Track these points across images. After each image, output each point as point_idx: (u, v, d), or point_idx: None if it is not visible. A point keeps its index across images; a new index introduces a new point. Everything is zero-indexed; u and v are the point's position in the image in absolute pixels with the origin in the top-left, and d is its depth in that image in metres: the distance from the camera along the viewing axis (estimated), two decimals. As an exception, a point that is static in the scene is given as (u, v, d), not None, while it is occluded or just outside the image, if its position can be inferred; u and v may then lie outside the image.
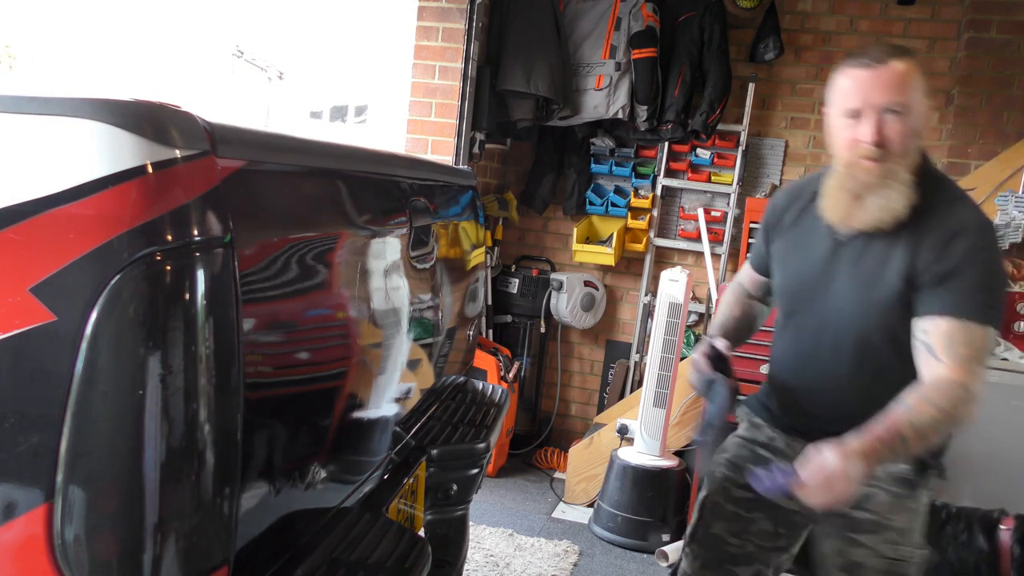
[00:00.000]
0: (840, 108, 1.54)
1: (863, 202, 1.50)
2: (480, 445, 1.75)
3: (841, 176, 1.54)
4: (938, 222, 1.49)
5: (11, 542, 0.84)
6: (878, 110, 1.47)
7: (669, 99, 4.02)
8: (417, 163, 1.77)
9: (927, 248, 1.48)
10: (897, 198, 1.48)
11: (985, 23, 3.90)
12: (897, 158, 1.48)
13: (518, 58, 3.81)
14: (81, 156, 0.82)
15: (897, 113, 1.47)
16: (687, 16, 4.02)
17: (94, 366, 0.80)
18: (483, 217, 2.19)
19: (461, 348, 2.07)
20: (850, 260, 1.57)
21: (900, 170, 1.49)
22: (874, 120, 1.47)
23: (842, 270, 1.58)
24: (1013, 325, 3.71)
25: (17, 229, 0.82)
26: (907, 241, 1.50)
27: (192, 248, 0.83)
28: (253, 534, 1.03)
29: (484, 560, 3.10)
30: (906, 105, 1.47)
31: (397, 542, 1.32)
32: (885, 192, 1.49)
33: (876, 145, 1.47)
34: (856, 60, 1.53)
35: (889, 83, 1.47)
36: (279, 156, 1.10)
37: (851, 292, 1.56)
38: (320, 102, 8.31)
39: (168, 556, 0.84)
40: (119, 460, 0.81)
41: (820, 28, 4.18)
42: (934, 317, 1.46)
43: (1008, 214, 3.69)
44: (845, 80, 1.53)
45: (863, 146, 1.48)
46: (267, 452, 1.05)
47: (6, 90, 0.89)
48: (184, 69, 6.51)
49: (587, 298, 4.29)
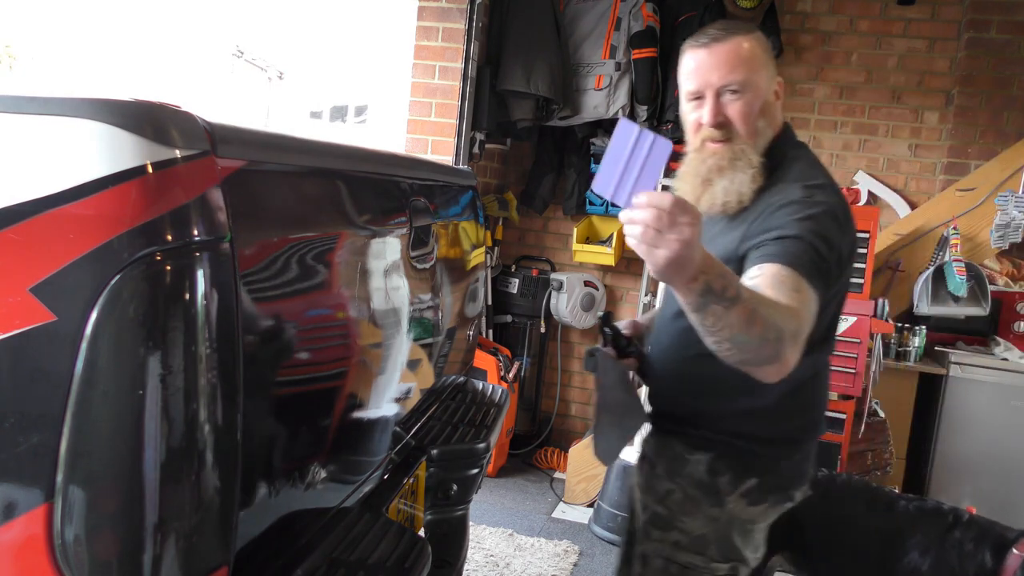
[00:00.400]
0: (684, 91, 1.46)
1: (711, 186, 1.43)
2: (480, 445, 1.75)
3: (692, 161, 1.47)
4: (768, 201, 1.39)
5: (11, 542, 0.84)
6: (716, 90, 1.40)
7: (669, 99, 4.02)
8: (417, 163, 1.77)
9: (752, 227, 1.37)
10: (744, 180, 1.40)
11: (985, 23, 3.90)
12: (743, 139, 1.42)
13: (518, 58, 3.81)
14: (81, 156, 0.82)
15: (736, 92, 1.40)
16: (687, 16, 4.02)
17: (94, 366, 0.80)
18: (483, 217, 2.19)
19: (461, 348, 2.07)
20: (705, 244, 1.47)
21: (749, 150, 1.42)
22: (713, 101, 1.41)
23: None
24: (1013, 325, 3.72)
25: (17, 229, 0.82)
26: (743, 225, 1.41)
27: (192, 248, 0.83)
28: (253, 534, 1.03)
29: (484, 560, 3.10)
30: (745, 83, 1.40)
31: (397, 542, 1.32)
32: (732, 175, 1.41)
33: (717, 127, 1.41)
34: (694, 39, 1.44)
35: (725, 61, 1.39)
36: (279, 156, 1.10)
37: None
38: (320, 102, 8.31)
39: (168, 556, 0.84)
40: (119, 460, 0.81)
41: (820, 28, 4.18)
42: (762, 264, 1.27)
43: (1008, 214, 3.69)
44: (686, 61, 1.45)
45: (706, 129, 1.42)
46: (267, 452, 1.05)
47: (6, 90, 0.89)
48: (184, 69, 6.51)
49: (587, 298, 4.29)
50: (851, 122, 4.20)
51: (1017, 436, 3.49)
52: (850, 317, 3.09)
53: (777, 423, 1.49)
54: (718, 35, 1.41)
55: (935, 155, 4.10)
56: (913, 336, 3.72)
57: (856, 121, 4.20)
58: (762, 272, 1.25)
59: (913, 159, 4.14)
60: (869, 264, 3.12)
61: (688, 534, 1.50)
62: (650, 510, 1.55)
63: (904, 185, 4.16)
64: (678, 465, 1.50)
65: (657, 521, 1.54)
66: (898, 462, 3.56)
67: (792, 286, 1.21)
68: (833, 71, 4.20)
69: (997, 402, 3.52)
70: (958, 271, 3.59)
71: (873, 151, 4.19)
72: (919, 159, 4.13)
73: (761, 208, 1.40)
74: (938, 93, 4.06)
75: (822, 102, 4.23)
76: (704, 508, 1.50)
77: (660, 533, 1.52)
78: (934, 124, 4.08)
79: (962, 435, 3.57)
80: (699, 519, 1.50)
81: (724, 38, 1.41)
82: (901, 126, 4.14)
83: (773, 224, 1.33)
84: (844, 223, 1.39)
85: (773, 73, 1.47)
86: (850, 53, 4.16)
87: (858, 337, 3.08)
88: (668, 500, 1.53)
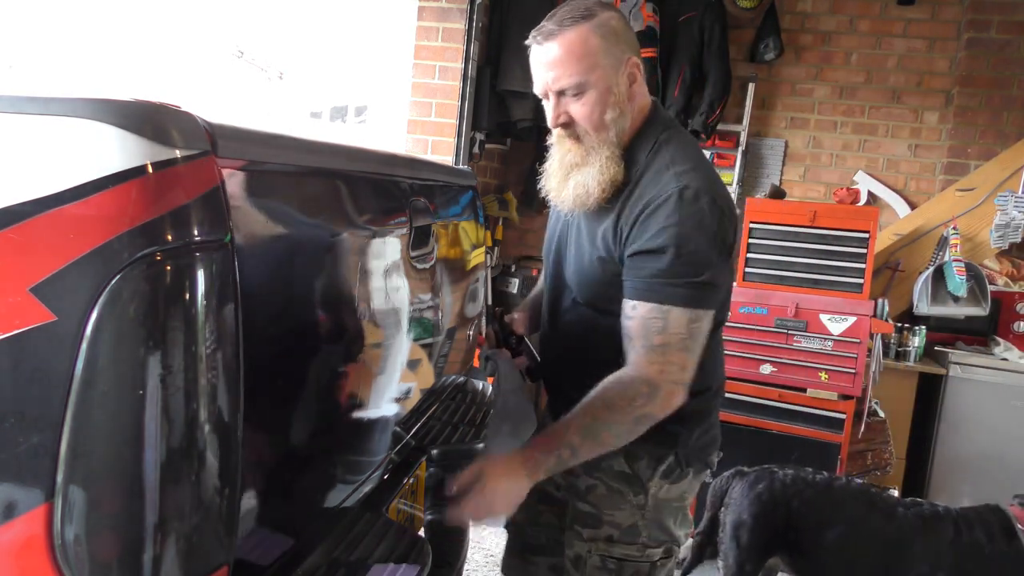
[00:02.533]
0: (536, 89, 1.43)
1: (567, 182, 1.43)
2: (480, 445, 1.75)
3: (556, 152, 1.46)
4: (639, 194, 1.38)
5: (11, 542, 0.84)
6: (556, 92, 1.37)
7: (669, 99, 4.02)
8: (417, 163, 1.77)
9: (624, 223, 1.38)
10: (595, 175, 1.38)
11: (985, 23, 3.91)
12: (594, 135, 1.39)
13: (518, 58, 3.81)
14: (81, 156, 0.82)
15: (575, 94, 1.36)
16: (687, 16, 4.02)
17: (94, 366, 0.80)
18: (483, 217, 2.18)
19: (461, 348, 2.07)
20: (573, 237, 1.51)
21: (600, 146, 1.39)
22: (554, 102, 1.38)
23: (570, 248, 1.52)
24: (1013, 325, 3.72)
25: (17, 229, 0.82)
26: (612, 216, 1.40)
27: (192, 248, 0.83)
28: (253, 534, 1.03)
29: (484, 560, 3.10)
30: (581, 83, 1.34)
31: (397, 542, 1.32)
32: (585, 171, 1.40)
33: (563, 127, 1.39)
34: (535, 31, 1.39)
35: (560, 62, 1.34)
36: (279, 156, 1.10)
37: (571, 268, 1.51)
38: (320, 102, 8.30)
39: (168, 556, 0.84)
40: (119, 460, 0.81)
41: (820, 28, 4.18)
42: (633, 301, 1.35)
43: (1008, 214, 3.69)
44: (530, 57, 1.41)
45: (554, 130, 1.42)
46: (267, 452, 1.05)
47: (6, 90, 0.88)
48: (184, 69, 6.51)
49: (587, 298, 4.28)
50: (851, 122, 4.21)
51: (1017, 436, 3.49)
52: (850, 317, 3.09)
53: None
54: (552, 30, 1.35)
55: (935, 155, 4.10)
56: (913, 336, 3.72)
57: (856, 121, 4.20)
58: (636, 313, 1.34)
59: (913, 159, 4.14)
60: (869, 264, 3.12)
61: (619, 527, 1.49)
62: (574, 510, 1.53)
63: (904, 185, 4.16)
64: (594, 459, 1.42)
65: (585, 519, 1.51)
66: (898, 462, 3.57)
67: (658, 328, 1.32)
68: (833, 71, 4.20)
69: (997, 402, 3.52)
70: (958, 271, 3.59)
71: (873, 151, 4.19)
72: (919, 159, 4.13)
73: (634, 201, 1.38)
74: (938, 93, 4.07)
75: (822, 102, 4.23)
76: (629, 498, 1.49)
77: (591, 531, 1.50)
78: (934, 124, 4.09)
79: (962, 435, 3.57)
80: (626, 510, 1.49)
81: (557, 33, 1.34)
82: (901, 126, 4.14)
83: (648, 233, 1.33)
84: (724, 210, 1.37)
85: (620, 57, 1.37)
86: (850, 53, 4.17)
87: (858, 337, 3.08)
88: (591, 496, 1.51)
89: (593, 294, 1.48)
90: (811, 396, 3.15)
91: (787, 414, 3.20)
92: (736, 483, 2.49)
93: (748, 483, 2.44)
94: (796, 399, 3.16)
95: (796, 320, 3.14)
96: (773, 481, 2.41)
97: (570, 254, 1.52)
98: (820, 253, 3.18)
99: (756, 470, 2.50)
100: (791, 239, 3.21)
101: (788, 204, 3.45)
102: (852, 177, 4.21)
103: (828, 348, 3.12)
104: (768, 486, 2.40)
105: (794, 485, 2.39)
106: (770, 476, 2.43)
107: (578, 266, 1.49)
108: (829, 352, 3.12)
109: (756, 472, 2.48)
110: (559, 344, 1.61)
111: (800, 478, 2.41)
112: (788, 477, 2.42)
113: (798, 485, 2.39)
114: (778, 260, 3.22)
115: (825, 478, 2.44)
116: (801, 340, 3.15)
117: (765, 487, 2.40)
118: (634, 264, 1.36)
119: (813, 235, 3.18)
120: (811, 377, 3.15)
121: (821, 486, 2.39)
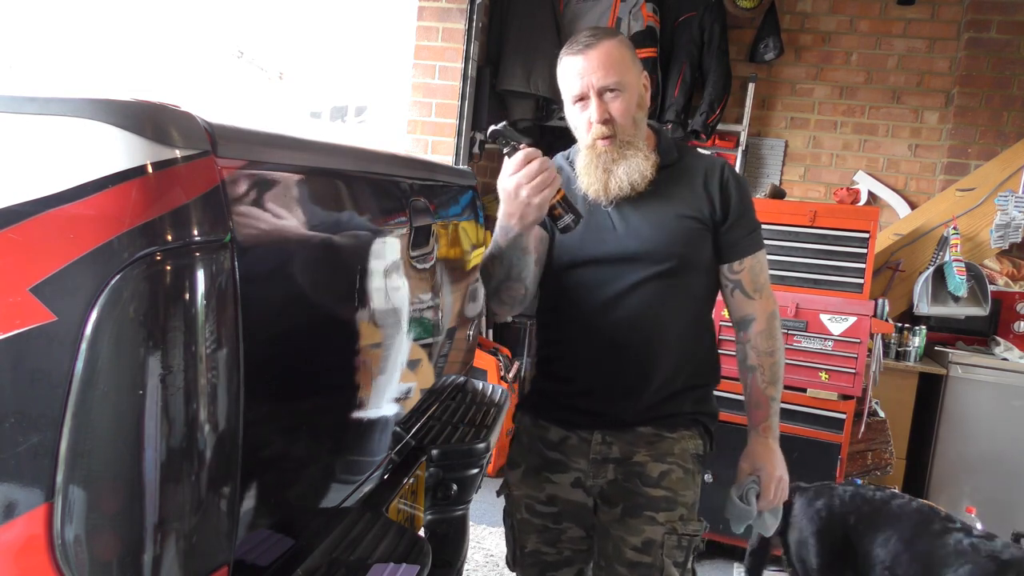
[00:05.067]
0: (568, 96, 1.61)
1: (613, 173, 1.60)
2: (480, 445, 1.75)
3: (587, 156, 1.62)
4: (691, 166, 1.67)
5: (11, 542, 0.84)
6: (598, 91, 1.56)
7: (669, 99, 4.02)
8: (417, 163, 1.77)
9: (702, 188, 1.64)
10: (641, 162, 1.59)
11: (985, 23, 3.91)
12: (628, 130, 1.59)
13: (518, 58, 3.81)
14: (81, 156, 0.82)
15: (615, 91, 1.56)
16: (687, 16, 4.02)
17: (94, 366, 0.80)
18: (483, 217, 2.19)
19: (461, 348, 2.07)
20: (623, 217, 1.63)
21: (634, 139, 1.60)
22: (597, 101, 1.56)
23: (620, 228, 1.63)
24: (1013, 325, 3.72)
25: (17, 229, 0.82)
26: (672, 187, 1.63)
27: (192, 248, 0.83)
28: (253, 534, 1.03)
29: (484, 560, 3.10)
30: (620, 83, 1.56)
31: (397, 542, 1.32)
32: (627, 162, 1.59)
33: (604, 123, 1.57)
34: (570, 47, 1.60)
35: (602, 64, 1.55)
36: (279, 156, 1.10)
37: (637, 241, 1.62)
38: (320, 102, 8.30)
39: (168, 556, 0.84)
40: (119, 460, 0.81)
41: (820, 28, 4.18)
42: (743, 259, 1.66)
43: (1008, 214, 3.69)
44: (566, 69, 1.60)
45: (595, 127, 1.58)
46: (267, 452, 1.05)
47: (6, 90, 0.88)
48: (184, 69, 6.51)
49: (587, 298, 4.28)
50: (851, 122, 4.21)
51: (1017, 436, 3.49)
52: (850, 317, 3.09)
53: (714, 367, 1.75)
54: (590, 41, 1.57)
55: (935, 155, 4.10)
56: (913, 336, 3.72)
57: (856, 121, 4.20)
58: (742, 267, 1.66)
59: (913, 159, 4.14)
60: (869, 264, 3.12)
61: (689, 506, 1.64)
62: (642, 499, 1.61)
63: (904, 185, 4.16)
64: (666, 446, 1.63)
65: (658, 504, 1.61)
66: (898, 462, 3.57)
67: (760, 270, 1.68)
68: (833, 71, 4.20)
69: (997, 402, 3.52)
70: (958, 271, 3.59)
71: (873, 151, 4.19)
72: (919, 159, 4.13)
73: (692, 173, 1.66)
74: (938, 93, 4.07)
75: (822, 102, 4.23)
76: (697, 478, 1.68)
77: (666, 514, 1.61)
78: (934, 124, 4.09)
79: (962, 435, 3.57)
80: (692, 489, 1.66)
81: (596, 44, 1.56)
82: (901, 126, 4.14)
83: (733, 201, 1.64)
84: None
85: (640, 69, 1.64)
86: (850, 53, 4.17)
87: (858, 337, 3.08)
88: (666, 481, 1.62)
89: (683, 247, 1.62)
90: (811, 396, 3.15)
91: (787, 414, 3.19)
92: (796, 499, 2.47)
93: (807, 499, 2.44)
94: (796, 399, 3.15)
95: (796, 320, 3.14)
96: (832, 497, 2.41)
97: (629, 231, 1.62)
98: (820, 253, 3.18)
99: (815, 485, 2.50)
100: (791, 239, 3.21)
101: (788, 204, 3.45)
102: (852, 177, 4.21)
103: (828, 348, 3.12)
104: (827, 503, 2.40)
105: (852, 502, 2.38)
106: (829, 492, 2.43)
107: (655, 232, 1.62)
108: (829, 352, 3.12)
109: (815, 488, 2.48)
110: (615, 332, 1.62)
111: (859, 494, 2.41)
112: (847, 494, 2.41)
113: (856, 502, 2.38)
114: (778, 260, 3.22)
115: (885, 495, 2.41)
116: (801, 340, 3.15)
117: (824, 504, 2.40)
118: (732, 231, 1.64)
119: (813, 235, 3.18)
120: (811, 377, 3.15)
121: (879, 503, 2.38)
